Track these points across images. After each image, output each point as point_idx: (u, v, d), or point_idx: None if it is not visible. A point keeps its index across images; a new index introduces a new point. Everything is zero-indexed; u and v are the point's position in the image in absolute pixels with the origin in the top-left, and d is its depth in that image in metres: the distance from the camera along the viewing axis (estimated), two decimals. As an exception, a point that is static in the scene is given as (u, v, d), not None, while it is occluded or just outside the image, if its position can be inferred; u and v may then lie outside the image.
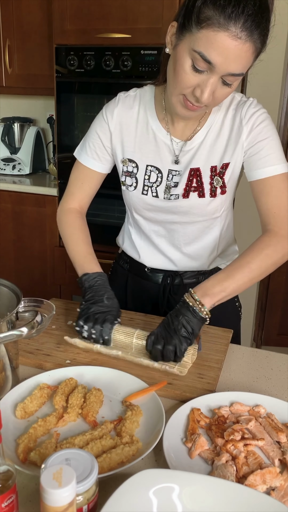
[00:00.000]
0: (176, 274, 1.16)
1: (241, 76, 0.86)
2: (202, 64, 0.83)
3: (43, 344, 0.98)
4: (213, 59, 0.81)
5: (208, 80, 0.85)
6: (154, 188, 1.07)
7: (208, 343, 1.00)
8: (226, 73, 0.84)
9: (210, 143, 1.03)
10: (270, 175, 0.99)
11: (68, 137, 2.27)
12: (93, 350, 0.94)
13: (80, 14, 2.09)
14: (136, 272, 1.21)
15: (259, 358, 0.99)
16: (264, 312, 2.60)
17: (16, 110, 2.83)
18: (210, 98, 0.87)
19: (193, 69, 0.85)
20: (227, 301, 1.19)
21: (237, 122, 1.01)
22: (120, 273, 1.26)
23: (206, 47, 0.81)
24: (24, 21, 2.38)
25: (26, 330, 0.76)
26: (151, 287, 1.19)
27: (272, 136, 1.00)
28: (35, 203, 2.44)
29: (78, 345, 0.95)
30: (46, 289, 2.53)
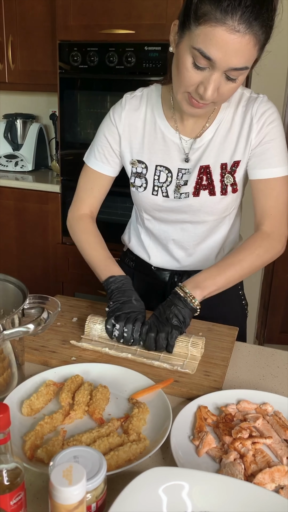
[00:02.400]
0: (183, 272, 1.15)
1: (246, 70, 0.84)
2: (203, 61, 0.82)
3: (48, 341, 0.97)
4: (213, 55, 0.80)
5: (211, 77, 0.84)
6: (164, 188, 1.06)
7: (214, 340, 0.99)
8: (228, 68, 0.82)
9: (220, 140, 1.02)
10: (272, 176, 1.00)
11: (71, 133, 2.26)
12: (101, 352, 0.92)
13: (83, 10, 2.08)
14: (142, 270, 1.21)
15: (265, 356, 0.99)
16: (267, 310, 2.59)
17: (18, 107, 2.82)
18: (215, 94, 0.86)
19: (194, 67, 0.84)
20: (234, 299, 1.20)
21: (248, 120, 1.00)
22: (125, 271, 1.24)
23: (205, 43, 0.80)
24: (27, 17, 2.37)
25: (33, 327, 0.75)
26: (157, 284, 1.18)
27: (280, 137, 1.01)
28: (37, 200, 2.43)
29: (86, 348, 0.94)
30: (49, 286, 2.52)
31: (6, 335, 0.74)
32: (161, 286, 1.18)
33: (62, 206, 2.39)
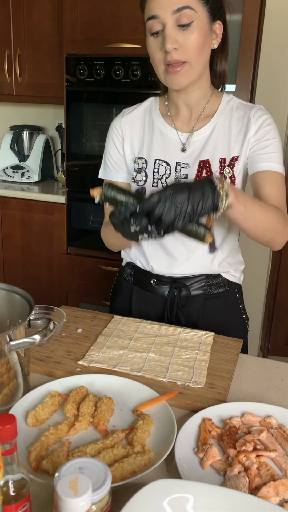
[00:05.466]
0: (183, 286, 1.15)
1: (189, 9, 0.93)
2: (154, 24, 0.95)
3: (53, 351, 0.98)
4: (153, 10, 0.94)
5: (165, 32, 0.94)
6: (163, 180, 1.11)
7: (218, 353, 0.99)
8: (171, 13, 0.93)
9: (217, 137, 1.08)
10: (273, 169, 1.04)
11: (77, 145, 2.29)
12: (112, 369, 0.92)
13: (90, 25, 2.12)
14: (141, 285, 1.20)
15: (269, 369, 0.99)
16: (271, 322, 2.58)
17: (25, 118, 2.85)
18: (176, 44, 0.94)
19: (152, 36, 0.97)
20: (234, 313, 1.20)
21: (246, 120, 1.07)
22: (124, 286, 1.25)
23: (148, 10, 0.96)
24: (35, 31, 2.41)
25: (39, 338, 0.76)
26: (157, 300, 1.18)
27: (277, 139, 1.07)
28: (43, 210, 2.45)
29: (96, 366, 0.93)
30: (53, 296, 2.53)
31: (12, 345, 0.75)
32: (161, 302, 1.17)
33: (67, 216, 2.41)
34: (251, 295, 2.24)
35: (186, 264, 1.13)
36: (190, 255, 1.13)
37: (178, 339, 1.03)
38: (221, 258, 1.14)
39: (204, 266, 1.14)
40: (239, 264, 1.20)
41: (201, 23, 0.96)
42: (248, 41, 1.91)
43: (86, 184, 2.33)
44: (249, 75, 1.93)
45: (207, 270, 1.14)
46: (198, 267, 1.14)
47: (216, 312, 1.15)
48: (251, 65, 1.93)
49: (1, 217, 2.53)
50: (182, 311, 1.15)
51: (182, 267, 1.14)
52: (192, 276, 1.14)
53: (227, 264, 1.16)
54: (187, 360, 0.95)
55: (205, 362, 0.95)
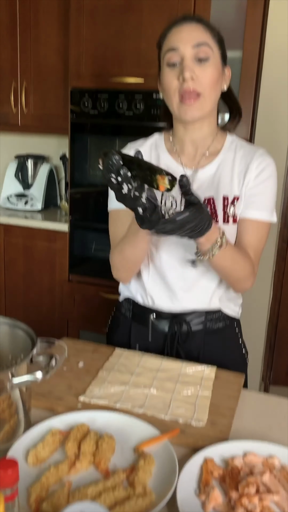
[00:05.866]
0: (183, 321, 1.14)
1: (207, 46, 1.01)
2: (172, 56, 1.02)
3: (55, 386, 0.97)
4: (174, 43, 1.02)
5: (183, 63, 1.01)
6: (170, 212, 1.10)
7: (220, 388, 0.99)
8: (190, 47, 1.00)
9: (221, 174, 1.11)
10: (260, 218, 1.09)
11: (80, 175, 2.33)
12: (113, 406, 0.91)
13: (95, 59, 2.18)
14: (140, 320, 1.20)
15: (272, 405, 0.98)
16: (272, 351, 2.57)
17: (30, 147, 2.90)
18: (193, 74, 1.00)
19: (169, 67, 1.03)
20: (234, 348, 1.20)
21: (248, 162, 1.10)
22: (122, 322, 1.24)
23: (168, 43, 1.03)
24: (41, 65, 2.49)
25: (41, 375, 0.76)
26: (157, 336, 1.17)
27: (273, 188, 1.11)
28: (46, 238, 2.47)
29: (97, 403, 0.92)
30: (54, 323, 2.52)
31: (15, 383, 0.75)
32: (160, 337, 1.17)
33: (70, 244, 2.43)
34: (253, 325, 2.24)
35: (185, 299, 1.14)
36: (189, 289, 1.13)
37: (180, 374, 1.02)
38: (220, 293, 1.15)
39: (204, 301, 1.14)
40: (237, 298, 1.20)
41: (216, 62, 1.04)
42: (248, 77, 1.97)
43: (89, 213, 2.35)
44: (249, 110, 1.98)
45: (207, 305, 1.14)
46: (198, 301, 1.14)
47: (216, 347, 1.15)
48: (251, 100, 1.98)
49: (3, 244, 2.55)
50: (182, 347, 1.15)
51: (182, 302, 1.14)
52: (192, 311, 1.14)
53: (226, 299, 1.17)
54: (189, 397, 0.94)
55: (206, 399, 0.94)
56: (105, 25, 2.13)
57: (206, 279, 1.13)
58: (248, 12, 1.93)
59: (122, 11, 2.09)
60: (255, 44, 1.95)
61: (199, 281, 1.12)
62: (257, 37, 1.94)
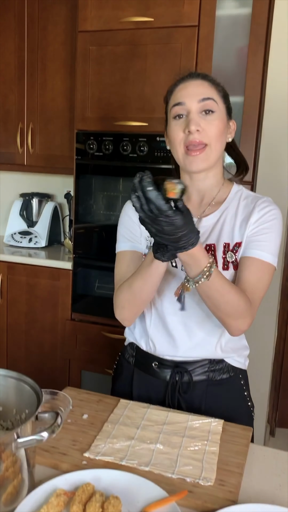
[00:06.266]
0: (185, 371, 1.13)
1: (212, 101, 1.05)
2: (179, 109, 1.05)
3: (59, 441, 0.95)
4: (180, 98, 1.05)
5: (189, 116, 1.04)
6: (174, 260, 1.12)
7: (227, 443, 0.97)
8: (196, 102, 1.04)
9: (224, 222, 1.12)
10: (262, 258, 1.06)
11: (85, 214, 2.35)
12: (119, 463, 0.89)
13: (100, 104, 2.24)
14: (143, 367, 1.19)
15: (281, 461, 0.96)
16: (278, 393, 2.52)
17: (35, 186, 2.95)
18: (199, 127, 1.03)
19: (175, 119, 1.06)
20: (239, 402, 1.17)
21: (251, 208, 1.11)
22: (126, 368, 1.24)
23: (174, 98, 1.07)
24: (48, 107, 2.56)
25: (47, 435, 0.75)
26: (158, 384, 1.16)
27: (276, 233, 1.09)
28: (49, 276, 2.47)
29: (103, 459, 0.90)
30: (56, 363, 2.49)
31: (20, 443, 0.74)
32: (162, 386, 1.16)
33: (73, 282, 2.43)
34: (258, 365, 2.21)
35: (187, 347, 1.13)
36: (191, 337, 1.12)
37: (187, 428, 1.00)
38: (223, 342, 1.14)
39: (207, 349, 1.13)
40: (243, 349, 1.19)
41: (221, 115, 1.07)
42: (249, 122, 2.02)
43: (92, 251, 2.37)
44: (251, 154, 2.02)
45: (210, 354, 1.13)
46: (200, 350, 1.13)
47: (219, 399, 1.13)
48: (253, 144, 2.02)
49: (7, 282, 2.55)
50: (183, 397, 1.13)
51: (183, 350, 1.13)
52: (195, 360, 1.13)
53: (230, 349, 1.15)
54: (196, 453, 0.92)
55: (214, 455, 0.92)
56: (110, 71, 2.20)
57: (208, 327, 1.12)
58: (249, 59, 2.00)
59: (127, 58, 2.17)
60: (256, 90, 2.01)
61: (200, 328, 1.12)
62: (258, 83, 2.00)
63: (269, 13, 1.95)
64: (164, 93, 1.14)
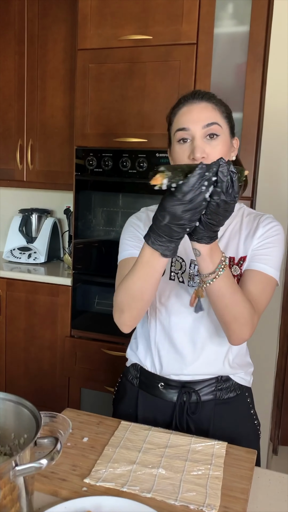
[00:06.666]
0: (192, 391, 1.11)
1: (217, 125, 1.04)
2: (184, 134, 1.03)
3: (58, 465, 0.93)
4: (185, 123, 1.04)
5: (194, 142, 1.03)
6: (179, 274, 1.13)
7: (231, 467, 0.94)
8: (201, 127, 1.02)
9: (228, 238, 1.12)
10: (265, 271, 1.07)
11: (84, 230, 2.35)
12: (120, 489, 0.86)
13: (100, 120, 2.25)
14: (148, 389, 1.17)
15: (286, 486, 0.93)
16: (280, 410, 2.49)
17: (34, 202, 2.95)
18: (204, 154, 1.02)
19: (180, 144, 1.04)
20: (245, 420, 1.16)
21: (255, 224, 1.12)
22: (130, 390, 1.21)
23: (178, 122, 1.05)
24: (47, 124, 2.57)
25: (46, 462, 0.72)
26: (165, 406, 1.14)
27: (279, 248, 1.10)
28: (48, 292, 2.46)
29: (103, 485, 0.87)
30: (55, 381, 2.46)
31: (18, 471, 0.71)
32: (169, 408, 1.13)
33: (72, 298, 2.41)
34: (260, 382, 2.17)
35: (196, 364, 1.11)
36: (199, 353, 1.11)
37: (189, 451, 0.98)
38: (231, 358, 1.13)
39: (215, 366, 1.12)
40: (248, 366, 1.18)
41: (225, 138, 1.06)
42: (248, 138, 2.02)
43: (92, 267, 2.35)
44: (251, 170, 2.02)
45: (218, 370, 1.12)
46: (209, 367, 1.11)
47: (227, 418, 1.11)
48: (252, 161, 2.02)
49: (6, 298, 2.53)
50: (192, 418, 1.11)
51: (192, 367, 1.11)
52: (202, 380, 1.11)
53: (237, 365, 1.14)
54: (200, 477, 0.90)
55: (218, 480, 0.89)
56: (110, 88, 2.22)
57: (216, 342, 1.11)
58: (247, 76, 2.02)
59: (126, 75, 2.18)
60: (255, 106, 2.02)
61: (208, 344, 1.10)
62: (257, 100, 2.01)
63: (267, 30, 1.97)
64: (163, 110, 1.14)
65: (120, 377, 1.27)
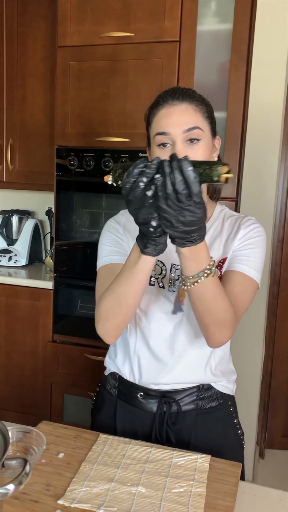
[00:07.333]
0: (172, 400, 1.07)
1: (198, 129, 0.97)
2: (163, 138, 0.97)
3: (31, 485, 0.87)
4: (165, 127, 0.97)
5: (174, 147, 0.97)
6: (160, 279, 1.08)
7: (215, 482, 0.89)
8: (181, 132, 0.96)
9: (209, 241, 1.07)
10: (246, 273, 1.02)
11: (66, 232, 2.28)
12: (96, 511, 0.81)
13: (81, 119, 2.20)
14: (127, 399, 1.12)
15: (272, 502, 0.89)
16: (267, 413, 2.46)
17: (15, 203, 2.88)
18: None
19: (159, 148, 0.99)
20: (228, 429, 1.11)
21: (236, 227, 1.07)
22: (108, 400, 1.16)
23: (158, 125, 0.99)
24: (27, 123, 2.50)
25: (13, 488, 0.66)
26: (144, 417, 1.09)
27: (261, 250, 1.06)
28: (29, 296, 2.39)
29: (78, 507, 0.81)
30: (37, 387, 2.39)
31: (-19, 497, 0.66)
32: (148, 418, 1.08)
33: (54, 303, 2.35)
34: (246, 385, 2.14)
35: (175, 371, 1.06)
36: (178, 360, 1.06)
37: (171, 465, 0.93)
38: (213, 365, 1.08)
39: (196, 373, 1.07)
40: (231, 373, 1.13)
41: (207, 140, 1.00)
42: (232, 138, 1.99)
43: (74, 270, 2.29)
44: (235, 170, 1.98)
45: (199, 378, 1.07)
46: (189, 374, 1.06)
47: (209, 429, 1.07)
48: (237, 160, 1.99)
49: (-15, 303, 2.46)
50: (172, 429, 1.06)
51: (171, 375, 1.06)
52: (183, 389, 1.06)
53: (219, 373, 1.09)
54: (181, 495, 0.85)
55: (201, 497, 0.85)
56: (91, 87, 2.16)
57: (197, 348, 1.06)
58: (231, 74, 1.98)
59: (108, 73, 2.13)
60: (239, 105, 1.98)
61: (188, 350, 1.06)
62: (241, 99, 1.98)
63: (250, 28, 1.93)
64: (145, 109, 1.08)
65: (99, 387, 1.21)
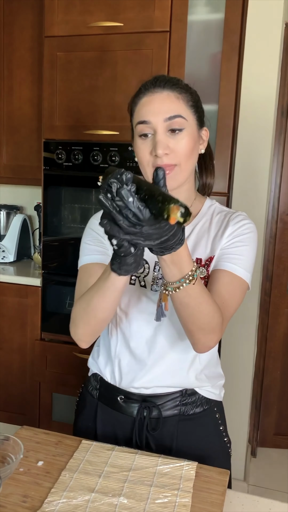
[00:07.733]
0: (153, 405, 1.02)
1: (180, 118, 0.93)
2: (144, 128, 0.94)
3: (6, 496, 0.82)
4: (146, 116, 0.93)
5: (156, 137, 0.93)
6: (142, 278, 1.03)
7: (201, 492, 0.85)
8: (163, 120, 0.92)
9: (196, 238, 1.02)
10: (235, 272, 0.97)
11: (54, 227, 2.23)
12: None
13: (69, 112, 2.14)
14: (107, 402, 1.07)
15: (261, 510, 0.85)
16: (259, 411, 2.42)
17: (2, 197, 2.82)
18: (166, 150, 0.92)
19: (141, 139, 0.95)
20: (213, 437, 1.06)
21: (225, 223, 1.02)
22: (89, 402, 1.11)
23: (139, 114, 0.95)
24: (15, 116, 2.43)
25: (-19, 504, 0.62)
26: (125, 421, 1.04)
27: (251, 247, 1.00)
28: (17, 293, 2.33)
29: None
30: (25, 386, 2.35)
31: None
32: (129, 423, 1.04)
33: (42, 300, 2.29)
34: (237, 383, 2.10)
35: (154, 372, 1.01)
36: (160, 361, 1.01)
37: (156, 473, 0.89)
38: (199, 369, 1.03)
39: (179, 376, 1.02)
40: (218, 378, 1.08)
41: (191, 130, 0.96)
42: (224, 131, 1.94)
43: (62, 266, 2.24)
44: (227, 163, 1.94)
45: (182, 381, 1.02)
46: (171, 376, 1.02)
47: (192, 436, 1.02)
48: (228, 154, 1.94)
49: (-28, 300, 2.40)
50: (152, 435, 1.02)
51: (152, 377, 1.01)
52: (165, 393, 1.02)
53: (205, 377, 1.04)
54: (165, 506, 0.81)
55: (186, 508, 0.80)
56: (79, 78, 2.10)
57: (179, 350, 1.01)
58: (222, 66, 1.93)
59: (96, 64, 2.07)
60: (231, 97, 1.93)
61: (170, 352, 1.01)
62: (232, 90, 1.93)
63: (242, 18, 1.88)
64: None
65: (81, 387, 1.17)
